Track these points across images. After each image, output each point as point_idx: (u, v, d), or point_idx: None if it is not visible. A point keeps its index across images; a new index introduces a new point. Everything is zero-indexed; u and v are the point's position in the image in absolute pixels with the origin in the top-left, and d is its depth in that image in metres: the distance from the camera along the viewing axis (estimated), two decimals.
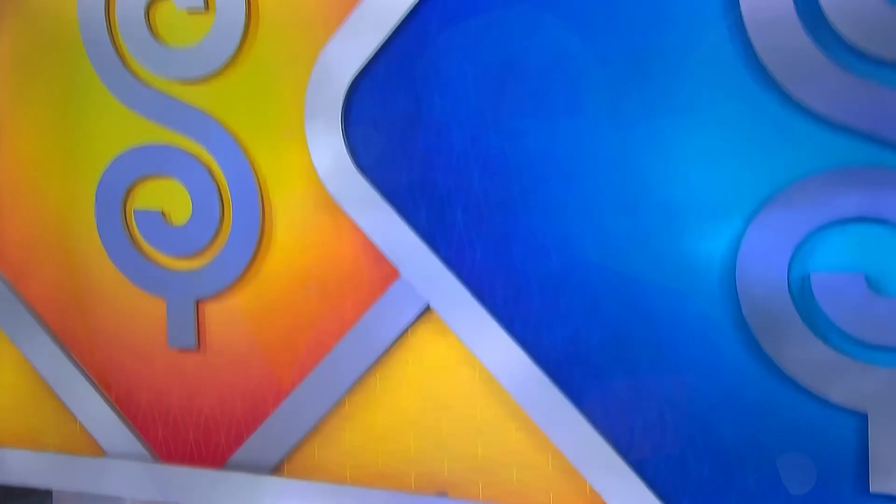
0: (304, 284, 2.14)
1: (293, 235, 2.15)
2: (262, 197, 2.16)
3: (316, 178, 2.09)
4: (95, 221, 2.31)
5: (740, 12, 1.72)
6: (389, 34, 2.00)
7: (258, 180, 2.16)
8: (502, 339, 1.95)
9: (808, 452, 1.72)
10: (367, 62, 2.02)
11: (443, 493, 2.04)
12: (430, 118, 2.00)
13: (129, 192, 2.29)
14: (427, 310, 2.03)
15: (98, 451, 2.36)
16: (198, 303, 2.24)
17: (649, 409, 1.85)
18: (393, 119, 2.03)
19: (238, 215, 2.18)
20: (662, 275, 1.82)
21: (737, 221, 1.75)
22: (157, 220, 2.26)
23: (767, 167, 1.72)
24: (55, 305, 2.40)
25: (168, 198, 2.26)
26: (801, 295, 1.71)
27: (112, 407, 2.34)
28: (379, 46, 2.01)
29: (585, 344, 1.90)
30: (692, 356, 1.80)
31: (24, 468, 2.40)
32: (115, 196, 2.28)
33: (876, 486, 1.66)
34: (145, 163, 2.25)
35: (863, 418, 1.67)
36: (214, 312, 2.24)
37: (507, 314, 1.96)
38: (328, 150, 2.07)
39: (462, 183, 1.98)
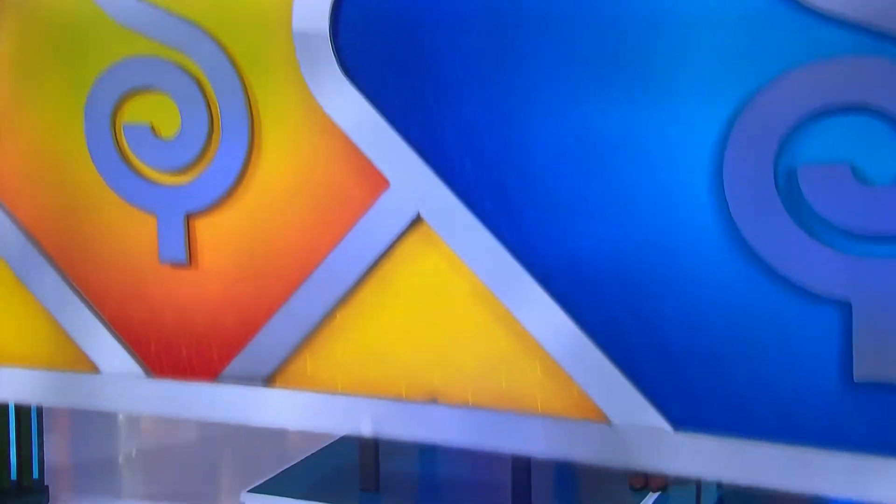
0: (293, 197, 2.14)
1: (282, 148, 2.14)
2: (250, 110, 2.15)
3: (305, 89, 2.08)
4: (85, 136, 2.30)
5: None
6: None
7: (247, 93, 2.15)
8: (493, 246, 1.96)
9: (793, 344, 1.73)
10: None
11: (433, 400, 2.06)
12: (421, 28, 1.98)
13: (118, 106, 2.27)
14: (417, 221, 2.03)
15: (92, 369, 2.37)
16: (188, 218, 2.24)
17: (637, 309, 1.86)
18: (384, 29, 2.02)
19: (227, 128, 2.17)
20: (650, 173, 1.82)
21: (724, 115, 1.74)
22: (146, 134, 2.25)
23: (753, 59, 1.71)
24: (47, 224, 2.39)
25: (157, 111, 2.24)
26: (788, 188, 1.71)
27: (105, 325, 2.35)
28: None
29: (576, 248, 1.90)
30: (679, 254, 1.81)
31: (18, 386, 2.41)
32: (104, 110, 2.27)
33: (860, 374, 1.68)
34: (134, 76, 2.23)
35: (847, 308, 1.68)
36: (205, 227, 2.24)
37: (497, 223, 1.96)
38: (318, 61, 2.06)
39: (454, 97, 1.97)
